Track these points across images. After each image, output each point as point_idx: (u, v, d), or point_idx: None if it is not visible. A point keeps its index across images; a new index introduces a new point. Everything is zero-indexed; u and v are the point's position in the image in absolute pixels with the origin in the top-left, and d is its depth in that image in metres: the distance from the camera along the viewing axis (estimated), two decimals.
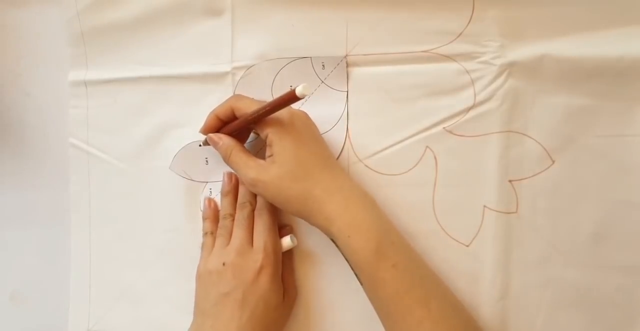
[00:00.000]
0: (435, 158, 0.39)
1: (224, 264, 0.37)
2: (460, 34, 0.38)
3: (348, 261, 0.35)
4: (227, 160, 0.38)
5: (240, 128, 0.38)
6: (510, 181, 0.38)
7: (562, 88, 0.37)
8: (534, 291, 0.37)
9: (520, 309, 0.37)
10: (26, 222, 0.47)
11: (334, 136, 0.40)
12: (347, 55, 0.40)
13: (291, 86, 0.40)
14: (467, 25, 0.38)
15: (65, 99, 0.45)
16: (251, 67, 0.41)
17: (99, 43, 0.44)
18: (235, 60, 0.41)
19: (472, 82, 0.38)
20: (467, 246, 0.38)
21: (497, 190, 0.38)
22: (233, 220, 0.40)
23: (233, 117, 0.38)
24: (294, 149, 0.35)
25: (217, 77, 0.42)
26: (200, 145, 0.42)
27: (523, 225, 0.38)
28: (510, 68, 0.37)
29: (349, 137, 0.40)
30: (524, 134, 0.38)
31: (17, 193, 0.47)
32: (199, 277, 0.39)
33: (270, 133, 0.36)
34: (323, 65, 0.40)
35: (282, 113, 0.35)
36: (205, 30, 0.42)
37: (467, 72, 0.38)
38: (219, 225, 0.41)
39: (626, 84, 0.36)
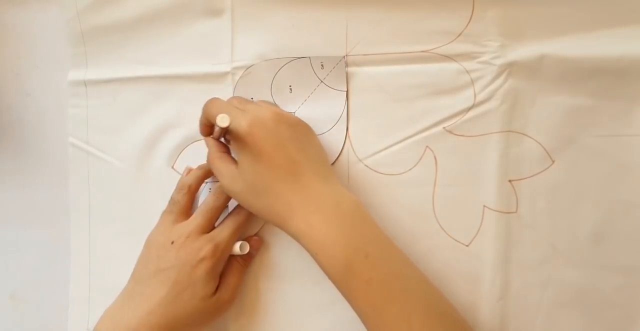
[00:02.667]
0: (435, 158, 0.39)
1: (172, 243, 0.38)
2: (460, 34, 0.38)
3: None
4: (209, 164, 0.38)
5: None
6: (510, 181, 0.38)
7: (562, 88, 0.37)
8: (533, 291, 0.37)
9: (520, 309, 0.37)
10: (26, 222, 0.47)
11: (334, 136, 0.40)
12: (346, 55, 0.40)
13: (290, 86, 0.40)
14: (467, 25, 0.38)
15: (65, 99, 0.45)
16: (250, 67, 0.41)
17: (99, 43, 0.44)
18: (235, 60, 0.41)
19: (472, 82, 0.38)
20: (467, 246, 0.38)
21: (497, 190, 0.38)
22: (189, 193, 0.40)
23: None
24: (252, 163, 0.34)
25: (217, 77, 0.42)
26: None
27: (523, 225, 0.37)
28: (510, 68, 0.37)
29: (348, 136, 0.40)
30: (524, 134, 0.37)
31: (16, 193, 0.47)
32: (147, 246, 0.39)
33: (233, 145, 0.36)
34: (322, 65, 0.40)
35: (240, 122, 0.34)
36: (205, 30, 0.42)
37: (467, 72, 0.38)
38: (171, 196, 0.40)
39: (626, 84, 0.36)
